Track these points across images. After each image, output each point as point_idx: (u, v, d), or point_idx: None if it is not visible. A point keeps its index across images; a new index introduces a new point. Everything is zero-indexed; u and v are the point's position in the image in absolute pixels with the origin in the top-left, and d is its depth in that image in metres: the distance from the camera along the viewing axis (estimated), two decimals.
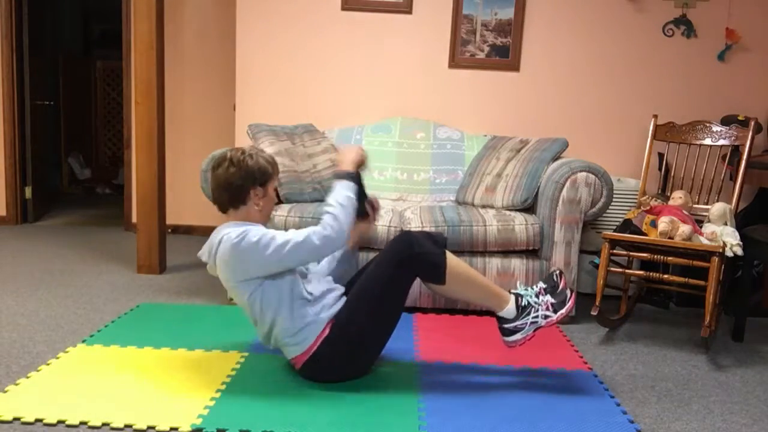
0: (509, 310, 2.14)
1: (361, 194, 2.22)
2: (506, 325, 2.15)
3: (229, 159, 2.10)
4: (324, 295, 2.12)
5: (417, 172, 3.47)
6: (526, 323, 2.14)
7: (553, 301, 2.15)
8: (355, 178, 2.18)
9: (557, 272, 2.26)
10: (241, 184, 2.08)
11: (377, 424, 1.84)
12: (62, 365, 2.17)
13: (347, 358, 2.09)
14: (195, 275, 3.49)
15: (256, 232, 2.00)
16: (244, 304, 2.08)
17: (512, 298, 2.15)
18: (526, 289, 2.19)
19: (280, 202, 3.00)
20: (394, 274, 2.07)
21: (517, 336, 2.15)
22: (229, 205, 2.13)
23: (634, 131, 3.75)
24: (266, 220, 2.21)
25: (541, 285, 2.21)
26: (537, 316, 2.13)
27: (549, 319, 2.13)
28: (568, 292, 2.19)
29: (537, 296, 2.16)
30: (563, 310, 2.14)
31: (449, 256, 2.11)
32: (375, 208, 2.35)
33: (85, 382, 2.04)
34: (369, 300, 2.07)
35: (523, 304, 2.14)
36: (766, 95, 3.70)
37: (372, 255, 2.81)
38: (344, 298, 2.18)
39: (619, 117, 3.75)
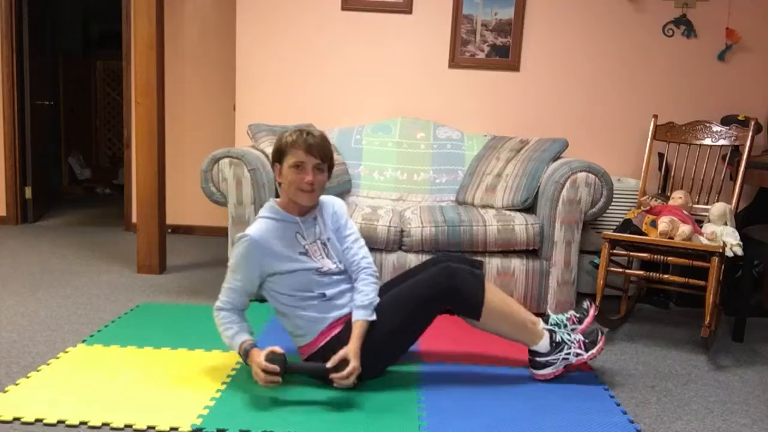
0: (543, 344, 2.18)
1: (311, 372, 2.08)
2: (538, 359, 2.19)
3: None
4: (338, 296, 2.11)
5: (417, 172, 3.47)
6: (558, 359, 2.18)
7: (585, 340, 2.21)
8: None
9: (588, 302, 2.35)
10: (272, 162, 2.16)
11: (377, 424, 1.84)
12: (62, 365, 2.17)
13: None
14: (195, 275, 3.49)
15: (237, 250, 2.06)
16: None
17: (546, 333, 2.18)
18: (558, 317, 2.25)
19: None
20: (429, 303, 2.07)
21: (549, 370, 2.20)
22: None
23: (634, 131, 3.75)
24: (294, 199, 2.08)
25: (573, 313, 2.30)
26: (569, 353, 2.18)
27: (580, 357, 2.19)
28: (599, 333, 2.23)
29: (570, 332, 2.21)
30: (594, 350, 2.19)
31: (489, 291, 2.10)
32: (327, 373, 1.98)
33: (85, 382, 2.04)
34: (394, 317, 2.06)
35: (557, 339, 2.19)
36: (766, 95, 3.70)
37: (376, 254, 2.81)
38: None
39: (619, 117, 3.75)
